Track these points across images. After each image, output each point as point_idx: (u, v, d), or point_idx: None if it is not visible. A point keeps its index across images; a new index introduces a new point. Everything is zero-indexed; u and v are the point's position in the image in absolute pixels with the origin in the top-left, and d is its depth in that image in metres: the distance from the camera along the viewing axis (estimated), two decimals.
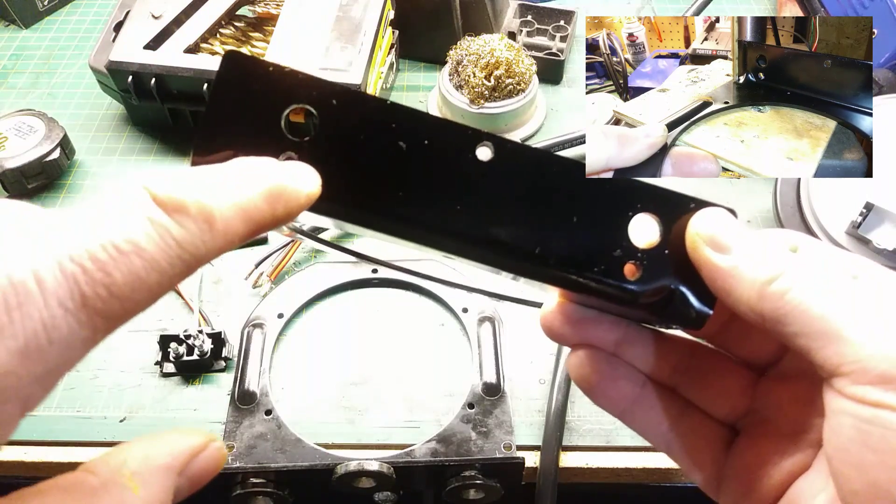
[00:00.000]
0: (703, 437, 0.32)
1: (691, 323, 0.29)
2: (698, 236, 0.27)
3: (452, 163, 0.28)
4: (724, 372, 0.32)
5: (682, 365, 0.33)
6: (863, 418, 0.23)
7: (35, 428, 0.61)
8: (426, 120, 0.27)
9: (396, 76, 0.93)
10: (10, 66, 0.95)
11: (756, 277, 0.25)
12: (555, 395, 0.61)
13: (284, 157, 0.27)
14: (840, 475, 0.24)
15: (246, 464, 0.58)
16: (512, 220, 0.28)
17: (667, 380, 0.33)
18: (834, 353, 0.24)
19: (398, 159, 0.27)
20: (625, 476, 0.61)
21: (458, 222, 0.28)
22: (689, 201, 0.29)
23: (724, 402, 0.32)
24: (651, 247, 0.28)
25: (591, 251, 0.28)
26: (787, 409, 0.30)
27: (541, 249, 0.28)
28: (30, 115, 0.81)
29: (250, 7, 0.88)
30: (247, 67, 0.27)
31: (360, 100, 0.27)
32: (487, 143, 0.28)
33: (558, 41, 0.93)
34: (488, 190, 0.28)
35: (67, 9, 1.04)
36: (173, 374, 0.65)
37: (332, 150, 0.27)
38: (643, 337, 0.32)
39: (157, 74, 0.79)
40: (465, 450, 0.59)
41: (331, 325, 0.69)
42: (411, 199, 0.27)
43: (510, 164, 0.28)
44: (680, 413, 0.32)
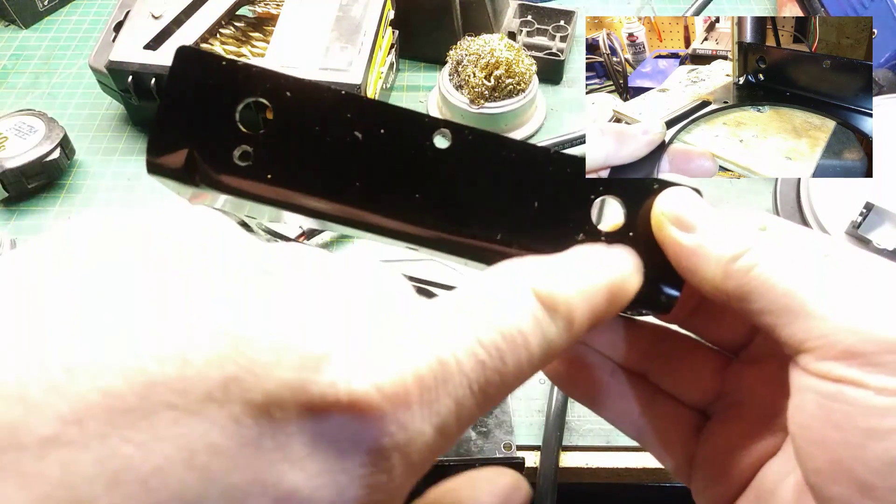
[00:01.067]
0: (674, 423, 0.32)
1: (659, 307, 0.28)
2: (663, 215, 0.27)
3: (409, 152, 0.27)
4: (694, 357, 0.32)
5: (652, 351, 0.32)
6: (826, 394, 0.22)
7: None
8: (381, 109, 0.27)
9: (396, 76, 0.93)
10: (10, 66, 0.95)
11: (721, 254, 0.25)
12: (555, 395, 0.61)
13: (239, 150, 0.26)
14: (803, 453, 0.24)
15: None
16: (471, 207, 0.27)
17: (636, 366, 0.32)
18: (798, 328, 0.23)
19: (354, 150, 0.27)
20: (625, 476, 0.61)
21: (417, 212, 0.27)
22: (652, 182, 0.28)
23: (694, 387, 0.32)
24: (615, 230, 0.28)
25: (552, 236, 0.28)
26: (756, 392, 0.30)
27: (502, 236, 0.27)
28: (30, 115, 0.81)
29: (250, 7, 0.88)
30: (199, 63, 0.27)
31: (313, 91, 0.27)
32: (444, 131, 0.27)
33: (558, 41, 0.93)
34: (447, 177, 0.27)
35: (67, 9, 1.04)
36: None
37: (287, 142, 0.27)
38: (611, 324, 0.32)
39: (158, 74, 0.79)
40: (464, 449, 0.59)
41: None
42: (368, 189, 0.27)
43: (468, 151, 0.27)
44: (650, 399, 0.32)
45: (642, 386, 0.32)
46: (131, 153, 0.85)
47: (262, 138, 0.26)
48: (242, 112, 0.27)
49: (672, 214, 0.27)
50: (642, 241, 0.28)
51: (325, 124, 0.27)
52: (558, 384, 0.31)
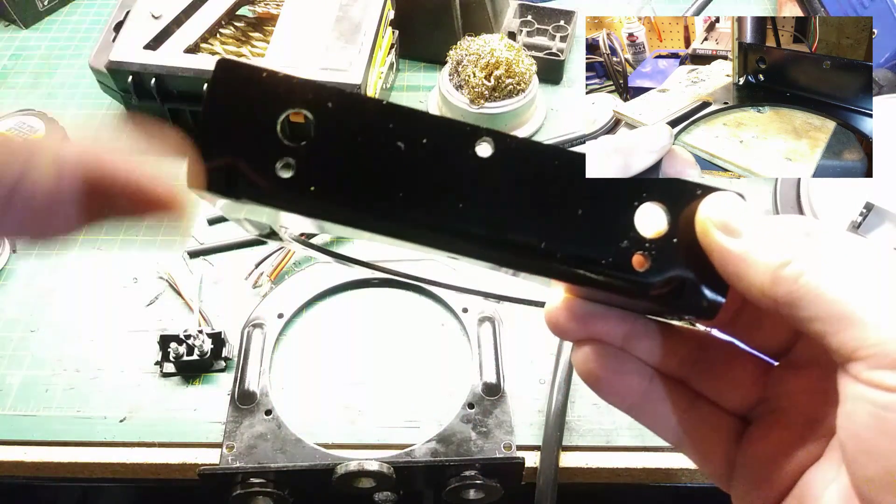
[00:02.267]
0: (714, 429, 0.32)
1: (703, 313, 0.28)
2: (709, 220, 0.27)
3: (452, 161, 0.27)
4: (735, 362, 0.32)
5: (692, 356, 0.32)
6: (879, 404, 0.22)
7: (35, 428, 0.61)
8: (424, 119, 0.27)
9: (396, 76, 0.93)
10: (10, 67, 0.95)
11: (769, 261, 0.25)
12: (555, 395, 0.61)
13: (281, 163, 0.26)
14: (854, 462, 0.24)
15: (246, 464, 0.58)
16: (515, 216, 0.27)
17: (675, 372, 0.32)
18: (850, 337, 0.23)
19: (397, 160, 0.27)
20: (625, 476, 0.61)
21: (461, 221, 0.27)
22: (695, 187, 0.28)
23: (735, 393, 0.32)
24: (659, 236, 0.28)
25: (597, 244, 0.27)
26: (798, 398, 0.30)
27: (546, 244, 0.27)
28: (30, 115, 0.81)
29: (250, 7, 0.88)
30: (239, 74, 0.27)
31: (356, 101, 0.27)
32: (487, 139, 0.27)
33: (558, 41, 0.93)
34: (490, 186, 0.27)
35: (67, 9, 1.04)
36: (173, 374, 0.65)
37: (330, 153, 0.27)
38: (650, 329, 0.31)
39: (158, 74, 0.79)
40: (465, 450, 0.59)
41: (331, 326, 0.69)
42: (412, 200, 0.27)
43: (511, 159, 0.27)
44: (689, 405, 0.32)
45: (681, 392, 0.32)
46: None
47: (305, 150, 0.26)
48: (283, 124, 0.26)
49: (718, 219, 0.26)
50: (686, 246, 0.28)
51: (367, 134, 0.27)
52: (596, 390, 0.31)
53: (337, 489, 0.58)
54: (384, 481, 0.58)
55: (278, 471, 0.58)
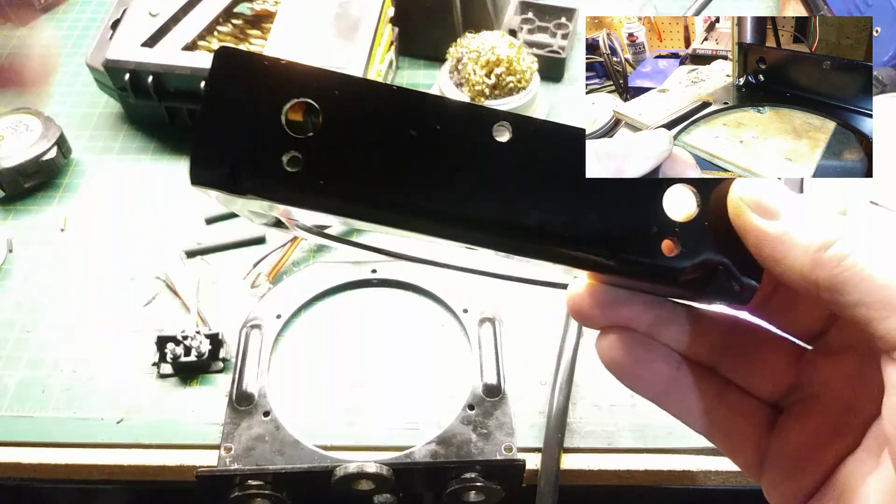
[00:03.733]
0: (745, 418, 0.30)
1: (736, 298, 0.27)
2: (742, 201, 0.25)
3: (469, 147, 0.26)
4: (766, 348, 0.30)
5: (721, 342, 0.31)
6: None
7: (32, 429, 0.61)
8: (437, 103, 0.26)
9: (396, 74, 0.93)
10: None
11: (810, 243, 0.24)
12: (556, 397, 0.61)
13: (288, 156, 0.25)
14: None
15: (244, 465, 0.57)
16: (539, 203, 0.26)
17: (704, 359, 0.31)
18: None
19: (411, 149, 0.25)
20: (626, 478, 0.61)
21: (482, 210, 0.26)
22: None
23: (767, 380, 0.30)
24: (688, 219, 0.26)
25: (625, 230, 0.26)
26: (834, 385, 0.28)
27: (572, 232, 0.26)
28: (26, 113, 0.81)
29: (248, 4, 0.87)
30: (241, 63, 0.25)
31: (364, 87, 0.25)
32: (504, 123, 0.26)
33: (559, 38, 0.93)
34: (510, 172, 0.26)
35: (64, 7, 1.03)
36: (171, 376, 0.65)
37: (339, 144, 0.25)
38: (678, 314, 0.30)
39: (155, 72, 0.78)
40: (465, 451, 0.59)
41: (330, 326, 0.69)
42: (429, 190, 0.25)
43: (531, 143, 0.26)
44: (719, 393, 0.30)
45: (711, 379, 0.31)
46: (128, 152, 0.84)
47: (312, 142, 0.25)
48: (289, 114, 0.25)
49: (752, 200, 0.25)
50: (718, 229, 0.26)
51: (377, 123, 0.25)
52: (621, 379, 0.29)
53: (336, 491, 0.58)
54: (384, 483, 0.58)
55: (276, 473, 0.57)
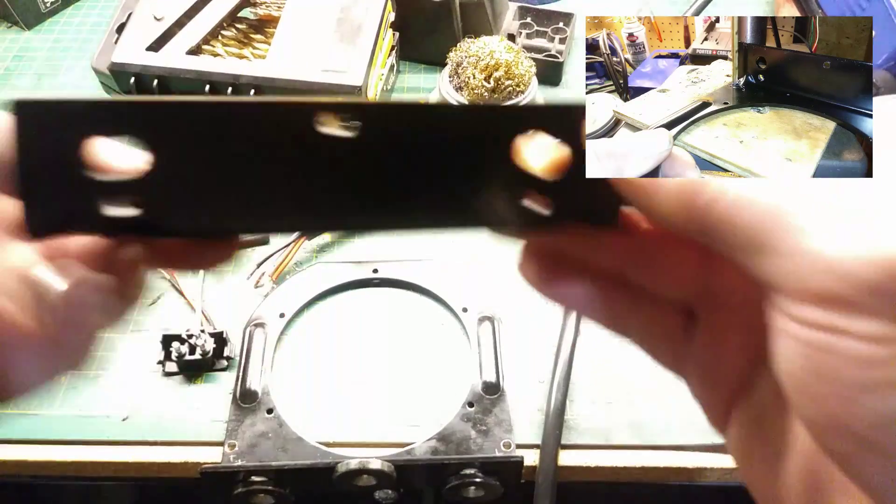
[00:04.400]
0: (658, 324, 0.30)
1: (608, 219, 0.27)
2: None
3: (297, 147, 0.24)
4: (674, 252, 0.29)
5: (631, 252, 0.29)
6: (810, 343, 0.19)
7: (37, 427, 0.62)
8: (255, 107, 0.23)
9: (397, 78, 0.94)
10: (13, 68, 0.95)
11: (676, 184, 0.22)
12: (554, 394, 0.61)
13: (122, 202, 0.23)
14: (796, 404, 0.21)
15: (247, 462, 0.58)
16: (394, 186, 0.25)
17: (618, 268, 0.30)
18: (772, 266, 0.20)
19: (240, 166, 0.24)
20: (624, 474, 0.61)
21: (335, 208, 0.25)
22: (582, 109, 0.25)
23: (674, 284, 0.29)
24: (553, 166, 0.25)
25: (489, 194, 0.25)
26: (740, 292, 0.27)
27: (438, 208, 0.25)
28: None
29: (252, 9, 0.88)
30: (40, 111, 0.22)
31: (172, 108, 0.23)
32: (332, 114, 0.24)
33: (557, 43, 0.94)
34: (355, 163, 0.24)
35: (70, 10, 1.04)
36: (175, 374, 0.65)
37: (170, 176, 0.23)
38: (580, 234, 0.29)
39: (160, 76, 0.79)
40: (464, 448, 0.60)
41: (332, 325, 0.70)
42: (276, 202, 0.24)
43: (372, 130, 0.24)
44: (635, 300, 0.30)
45: (625, 288, 0.30)
46: None
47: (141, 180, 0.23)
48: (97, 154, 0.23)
49: None
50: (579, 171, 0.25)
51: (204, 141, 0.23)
52: (537, 287, 0.29)
53: (338, 487, 0.59)
54: (385, 479, 0.59)
55: (280, 469, 0.58)
